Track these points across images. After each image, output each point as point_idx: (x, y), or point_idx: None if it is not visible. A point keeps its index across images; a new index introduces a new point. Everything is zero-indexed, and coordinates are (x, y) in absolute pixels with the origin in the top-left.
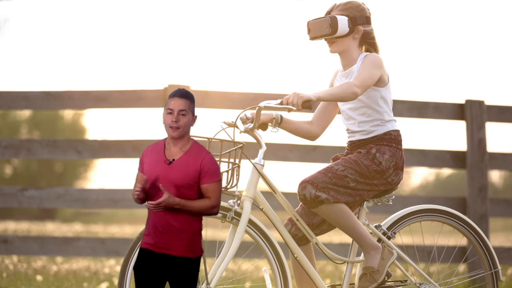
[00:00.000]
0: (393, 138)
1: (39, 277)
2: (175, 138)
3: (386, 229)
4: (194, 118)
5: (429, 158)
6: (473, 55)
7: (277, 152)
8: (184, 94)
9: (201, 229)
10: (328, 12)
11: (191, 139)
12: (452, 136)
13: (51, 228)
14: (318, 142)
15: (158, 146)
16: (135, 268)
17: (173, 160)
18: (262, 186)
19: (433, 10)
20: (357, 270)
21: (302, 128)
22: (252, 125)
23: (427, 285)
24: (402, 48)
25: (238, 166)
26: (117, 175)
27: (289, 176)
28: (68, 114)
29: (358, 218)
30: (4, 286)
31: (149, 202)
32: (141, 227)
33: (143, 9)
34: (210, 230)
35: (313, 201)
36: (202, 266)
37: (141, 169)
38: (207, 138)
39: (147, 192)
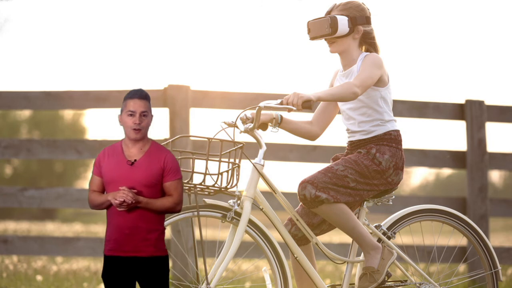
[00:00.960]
0: (393, 138)
1: (39, 277)
2: (137, 140)
3: (386, 229)
4: (152, 117)
5: (429, 158)
6: (473, 55)
7: (277, 152)
8: (144, 95)
9: (164, 229)
10: (328, 12)
11: (149, 139)
12: (452, 136)
13: (51, 228)
14: (318, 142)
15: (115, 149)
16: (103, 276)
17: (135, 160)
18: (262, 186)
19: (433, 10)
20: (357, 270)
21: (302, 128)
22: (252, 125)
23: (427, 285)
24: (402, 48)
25: (238, 166)
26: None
27: (289, 176)
28: (68, 114)
29: (358, 218)
30: (4, 286)
31: (114, 198)
32: None
33: (143, 9)
34: (210, 230)
35: (313, 201)
36: (202, 266)
37: (97, 172)
38: (207, 138)
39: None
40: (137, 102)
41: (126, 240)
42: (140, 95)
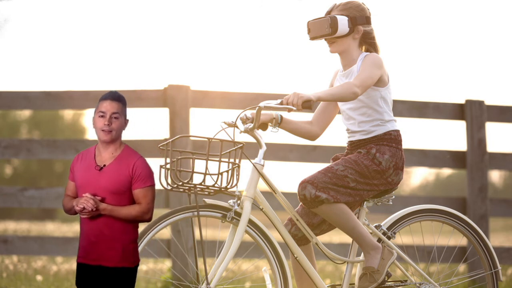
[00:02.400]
0: (393, 138)
1: (39, 277)
2: (107, 142)
3: (386, 229)
4: (126, 121)
5: (429, 158)
6: (473, 55)
7: (277, 152)
8: (117, 97)
9: (137, 238)
10: (328, 12)
11: (123, 144)
12: (452, 136)
13: (51, 228)
14: (318, 142)
15: (88, 153)
16: (76, 284)
17: (104, 165)
18: (262, 186)
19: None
20: (357, 270)
21: (302, 128)
22: (252, 125)
23: (427, 285)
24: (402, 48)
25: (238, 166)
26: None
27: (289, 176)
28: (68, 114)
29: (358, 218)
30: (4, 286)
31: (76, 205)
32: (141, 227)
33: (143, 9)
34: (210, 230)
35: (313, 201)
36: (202, 266)
37: (71, 177)
38: (207, 138)
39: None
40: (110, 104)
41: (92, 248)
42: (113, 96)
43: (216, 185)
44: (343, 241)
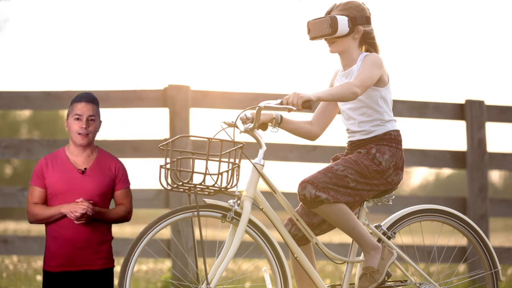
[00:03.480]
0: (393, 138)
1: (39, 277)
2: (84, 146)
3: (386, 229)
4: (100, 123)
5: (429, 158)
6: (473, 55)
7: (277, 152)
8: (92, 99)
9: (112, 239)
10: (328, 12)
11: (95, 146)
12: (452, 136)
13: None
14: (318, 142)
15: (57, 157)
16: None
17: (85, 168)
18: (262, 186)
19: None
20: (357, 270)
21: (302, 128)
22: (252, 125)
23: (427, 285)
24: (402, 48)
25: (238, 166)
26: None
27: (289, 176)
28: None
29: (358, 218)
30: (4, 286)
31: (72, 213)
32: (141, 227)
33: (143, 9)
34: (210, 230)
35: (313, 201)
36: (202, 266)
37: (40, 183)
38: (207, 138)
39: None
40: (86, 106)
41: (78, 254)
42: (88, 98)
43: (216, 185)
44: (343, 241)
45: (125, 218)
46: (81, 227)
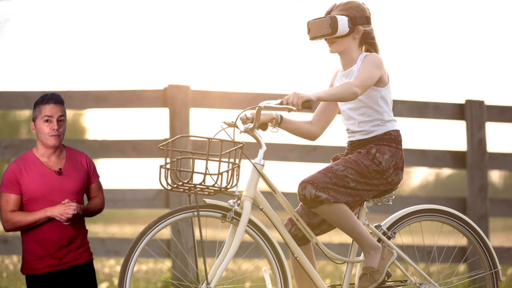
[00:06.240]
0: (393, 138)
1: None
2: (55, 146)
3: (386, 229)
4: (66, 122)
5: (429, 158)
6: (473, 55)
7: (277, 152)
8: (60, 100)
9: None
10: (328, 12)
11: (62, 144)
12: (452, 136)
13: None
14: (318, 142)
15: (29, 161)
16: None
17: (60, 169)
18: (262, 186)
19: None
20: (357, 270)
21: (302, 128)
22: (252, 125)
23: (427, 285)
24: (402, 48)
25: (238, 166)
26: (116, 175)
27: (289, 176)
28: (68, 114)
29: (358, 218)
30: (4, 286)
31: (62, 215)
32: (141, 227)
33: (142, 9)
34: (210, 230)
35: (313, 201)
36: (202, 266)
37: (15, 190)
38: (207, 138)
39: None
40: (54, 107)
41: (66, 252)
42: (56, 99)
43: (216, 185)
44: (343, 241)
45: (101, 209)
46: (65, 226)
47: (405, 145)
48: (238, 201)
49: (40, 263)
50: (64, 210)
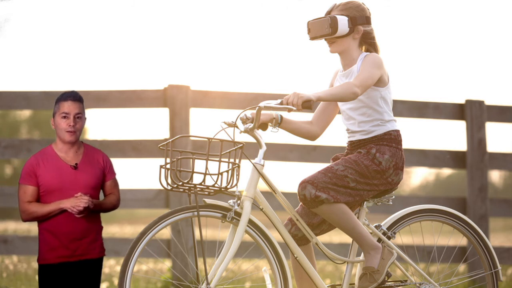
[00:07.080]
0: (393, 138)
1: None
2: (72, 142)
3: (386, 229)
4: (85, 120)
5: (429, 158)
6: (473, 55)
7: (277, 152)
8: (78, 97)
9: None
10: (328, 12)
11: (80, 141)
12: (452, 136)
13: None
14: (318, 142)
15: (47, 155)
16: (50, 285)
17: (76, 164)
18: (262, 186)
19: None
20: (357, 270)
21: (302, 128)
22: (252, 125)
23: (427, 285)
24: (402, 48)
25: (238, 166)
26: (116, 175)
27: (289, 176)
28: None
29: (358, 218)
30: (4, 286)
31: (74, 207)
32: (141, 227)
33: (142, 9)
34: (210, 230)
35: (313, 201)
36: (202, 266)
37: (32, 182)
38: (207, 138)
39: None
40: (72, 104)
41: (78, 244)
42: (75, 97)
43: (216, 185)
44: (343, 241)
45: (116, 206)
46: (78, 219)
47: (405, 145)
48: (238, 201)
49: (53, 253)
50: (76, 202)
